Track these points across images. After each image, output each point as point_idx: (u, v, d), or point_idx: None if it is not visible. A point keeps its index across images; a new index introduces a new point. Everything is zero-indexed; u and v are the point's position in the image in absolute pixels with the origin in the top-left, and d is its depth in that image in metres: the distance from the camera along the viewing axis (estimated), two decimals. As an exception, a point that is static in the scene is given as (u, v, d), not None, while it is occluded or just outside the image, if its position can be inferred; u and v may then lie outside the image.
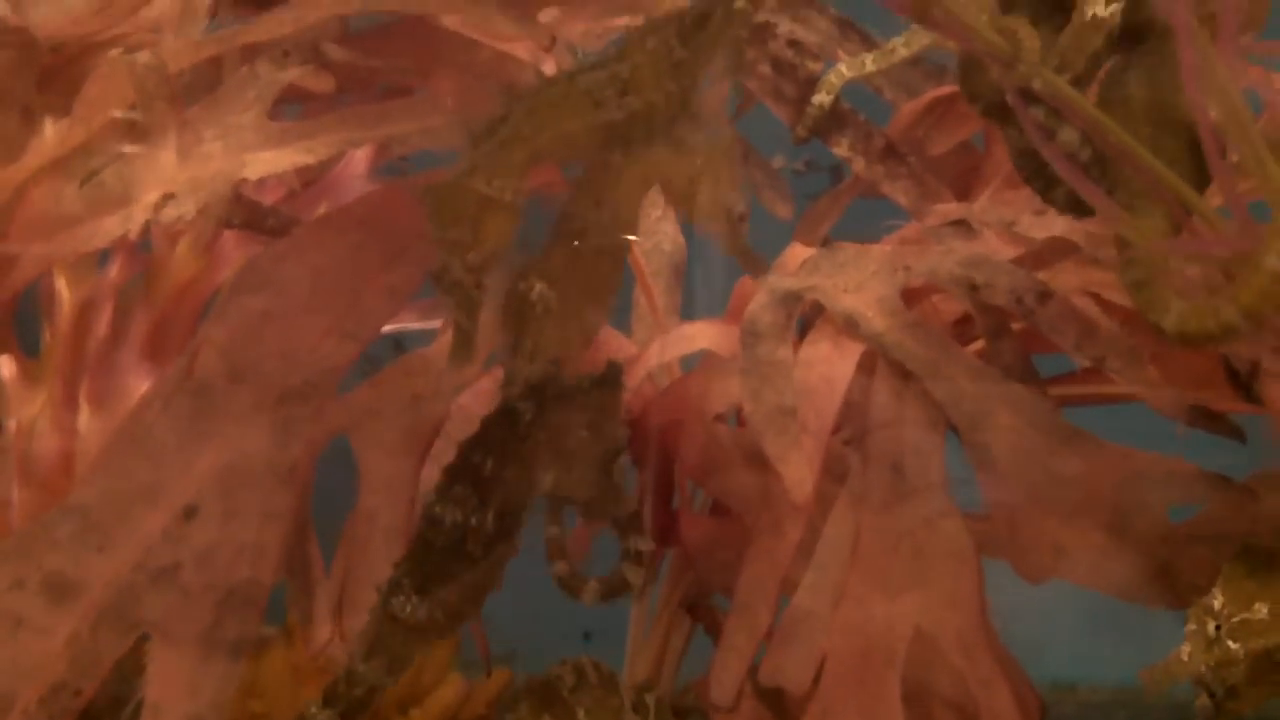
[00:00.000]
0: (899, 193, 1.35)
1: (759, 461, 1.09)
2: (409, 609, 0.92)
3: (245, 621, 0.97)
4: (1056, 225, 1.13)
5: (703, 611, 1.25)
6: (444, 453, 1.00)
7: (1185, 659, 0.96)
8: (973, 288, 1.10)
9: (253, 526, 0.99)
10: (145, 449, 1.00)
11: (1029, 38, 0.91)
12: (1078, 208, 0.98)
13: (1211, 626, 0.95)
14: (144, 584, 0.97)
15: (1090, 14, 0.91)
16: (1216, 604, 0.96)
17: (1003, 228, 1.15)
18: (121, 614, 0.96)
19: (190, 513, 0.98)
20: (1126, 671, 1.78)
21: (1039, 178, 0.97)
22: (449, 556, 0.92)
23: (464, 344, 0.92)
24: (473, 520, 0.91)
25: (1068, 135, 0.95)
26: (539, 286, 0.96)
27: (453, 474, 0.92)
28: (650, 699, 0.97)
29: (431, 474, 1.02)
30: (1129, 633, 1.79)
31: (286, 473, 1.00)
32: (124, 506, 0.98)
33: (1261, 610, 0.94)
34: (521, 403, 0.92)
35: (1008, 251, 1.16)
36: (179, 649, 0.96)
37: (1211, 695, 1.00)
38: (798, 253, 1.27)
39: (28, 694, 0.94)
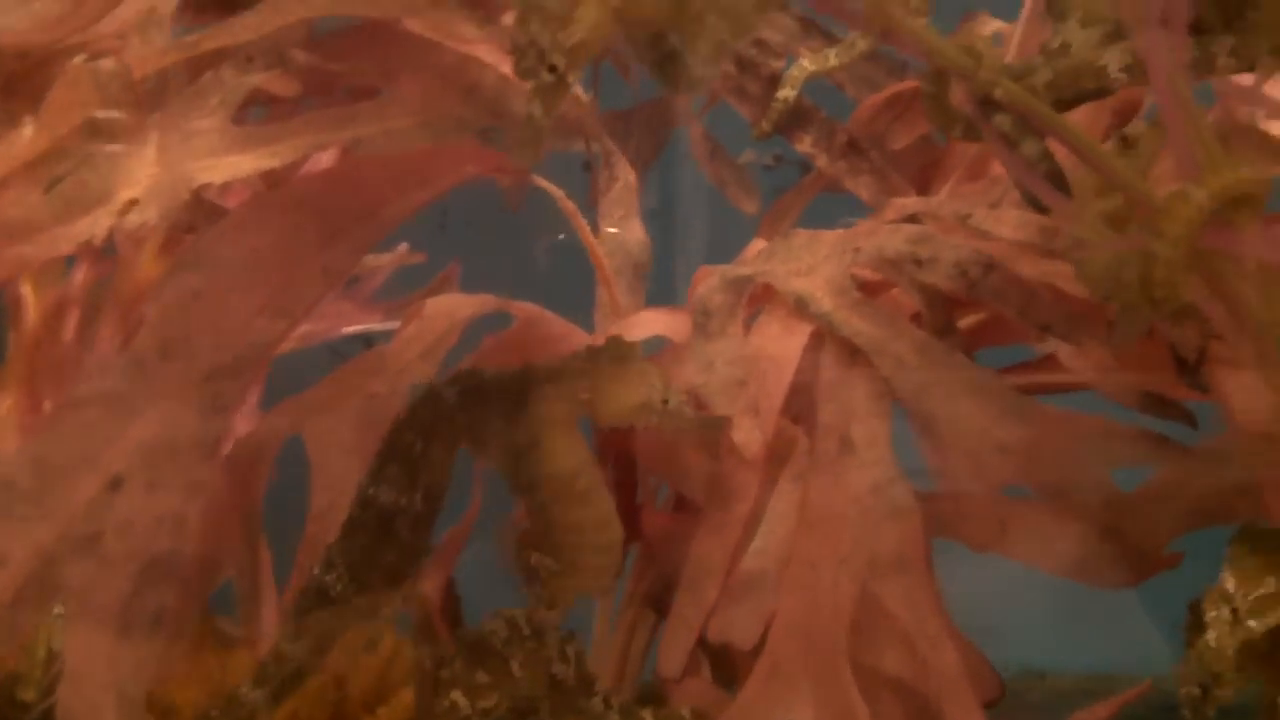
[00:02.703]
0: (861, 188, 1.37)
1: (710, 444, 1.10)
2: (339, 588, 0.94)
3: (165, 593, 0.98)
4: (1010, 219, 1.14)
5: (667, 606, 1.26)
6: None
7: (1213, 644, 0.96)
8: (917, 263, 1.12)
9: (175, 498, 1.00)
10: (75, 422, 1.01)
11: (988, 49, 0.94)
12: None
13: (1228, 609, 0.96)
14: (65, 553, 0.98)
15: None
16: (1230, 586, 0.97)
17: (957, 221, 1.16)
18: (41, 583, 0.97)
19: (115, 484, 0.99)
20: (1094, 659, 1.80)
21: None
22: (379, 537, 0.94)
23: (533, 136, 0.91)
24: (403, 500, 0.94)
25: (1031, 146, 0.98)
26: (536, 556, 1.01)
27: (386, 455, 0.95)
28: (572, 649, 0.99)
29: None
30: (1097, 621, 1.81)
31: (211, 446, 1.01)
32: (51, 478, 0.99)
33: (1272, 584, 0.95)
34: (446, 388, 0.95)
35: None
36: (97, 619, 0.98)
37: (1200, 686, 1.01)
38: (759, 247, 1.29)
39: (-52, 661, 0.96)
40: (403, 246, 1.55)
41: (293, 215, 1.08)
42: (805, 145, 1.39)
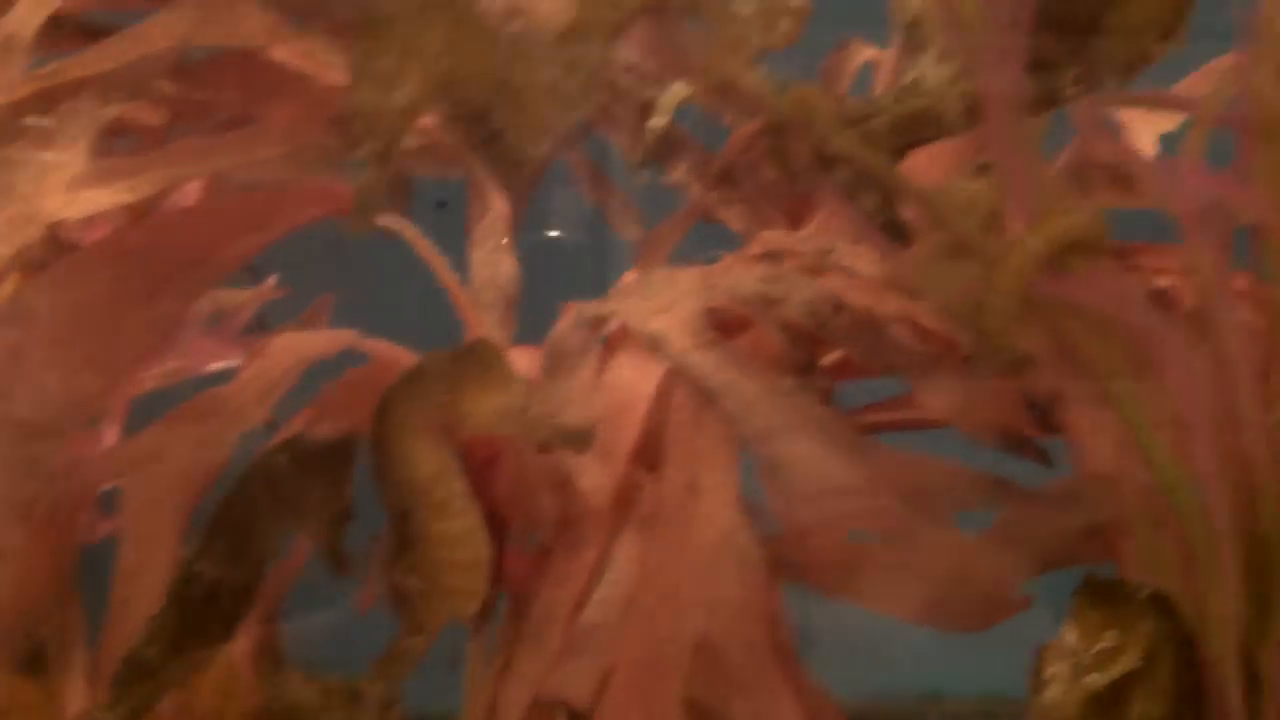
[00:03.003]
0: (733, 218, 1.36)
1: (563, 487, 1.09)
2: (158, 661, 0.92)
3: None
4: (871, 254, 1.14)
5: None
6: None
7: (1055, 700, 0.96)
8: (770, 301, 1.12)
9: None
10: None
11: (823, 101, 0.93)
12: None
13: (1070, 665, 0.96)
14: None
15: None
16: (1071, 640, 0.97)
17: (819, 256, 1.16)
18: None
19: None
20: (996, 681, 1.80)
21: None
22: (203, 611, 0.92)
23: (369, 199, 0.90)
24: (229, 573, 0.92)
25: (868, 199, 0.98)
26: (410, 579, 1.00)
27: (214, 530, 0.93)
28: (392, 716, 0.97)
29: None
30: (1000, 642, 1.81)
31: (24, 509, 0.98)
32: None
33: (1112, 637, 0.96)
34: (278, 457, 0.93)
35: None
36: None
37: None
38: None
39: None
40: (270, 280, 1.52)
41: (115, 267, 1.05)
42: (679, 174, 1.39)
